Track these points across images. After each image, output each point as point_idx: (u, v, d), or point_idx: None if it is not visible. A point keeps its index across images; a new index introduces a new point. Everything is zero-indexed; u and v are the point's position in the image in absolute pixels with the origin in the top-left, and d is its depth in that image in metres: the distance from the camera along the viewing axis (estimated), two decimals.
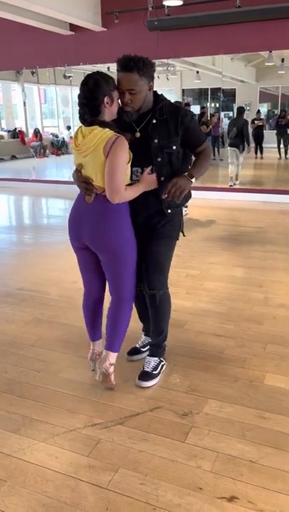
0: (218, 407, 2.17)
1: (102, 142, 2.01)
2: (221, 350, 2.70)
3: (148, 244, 2.28)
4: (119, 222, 2.16)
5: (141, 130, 2.18)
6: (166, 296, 2.39)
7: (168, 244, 2.34)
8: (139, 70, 2.05)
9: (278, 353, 2.66)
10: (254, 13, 6.58)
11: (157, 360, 2.45)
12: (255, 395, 2.25)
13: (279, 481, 1.71)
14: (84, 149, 2.06)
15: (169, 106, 2.21)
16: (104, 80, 2.03)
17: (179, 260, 4.42)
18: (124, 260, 2.22)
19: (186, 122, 2.17)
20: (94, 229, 2.16)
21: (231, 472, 1.76)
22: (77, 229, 2.24)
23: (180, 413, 2.12)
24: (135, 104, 2.11)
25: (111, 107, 2.06)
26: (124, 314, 2.32)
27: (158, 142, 2.16)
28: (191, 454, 1.87)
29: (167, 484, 1.71)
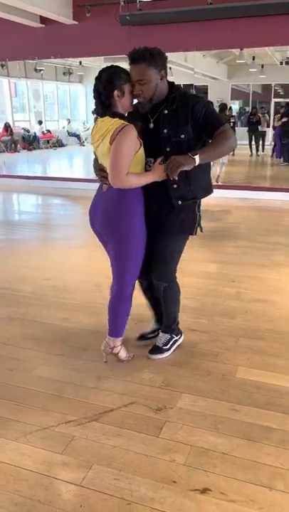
0: (192, 401, 2.19)
1: (110, 131, 2.08)
2: (194, 345, 2.73)
3: (157, 237, 2.32)
4: (129, 211, 2.22)
5: (154, 121, 2.23)
6: (171, 288, 2.48)
7: (177, 239, 2.37)
8: (145, 60, 2.10)
9: (250, 346, 2.71)
10: (225, 10, 6.63)
11: (168, 337, 2.59)
12: (228, 388, 2.29)
13: (250, 472, 1.75)
14: (96, 139, 2.18)
15: (181, 95, 2.21)
16: (115, 73, 2.12)
17: None
18: (129, 249, 2.27)
19: (196, 110, 2.16)
20: (104, 215, 2.26)
21: (204, 465, 1.79)
22: (93, 217, 2.34)
23: (154, 408, 2.14)
24: (146, 94, 2.15)
25: (122, 100, 2.14)
26: (123, 302, 2.40)
27: (167, 132, 2.19)
28: (165, 448, 1.88)
29: (141, 479, 1.73)
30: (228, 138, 2.18)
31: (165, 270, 2.42)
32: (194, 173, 2.20)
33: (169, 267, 2.43)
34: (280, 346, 2.70)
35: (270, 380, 2.36)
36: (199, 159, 2.09)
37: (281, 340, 2.76)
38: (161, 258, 2.37)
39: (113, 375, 2.41)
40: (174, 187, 2.21)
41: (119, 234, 2.25)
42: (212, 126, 2.19)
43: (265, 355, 2.61)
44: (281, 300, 3.36)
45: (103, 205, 2.27)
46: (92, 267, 4.15)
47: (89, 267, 4.18)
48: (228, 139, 2.17)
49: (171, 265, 2.43)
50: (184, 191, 2.24)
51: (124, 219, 2.23)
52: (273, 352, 2.64)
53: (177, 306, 2.60)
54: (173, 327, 2.63)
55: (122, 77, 2.12)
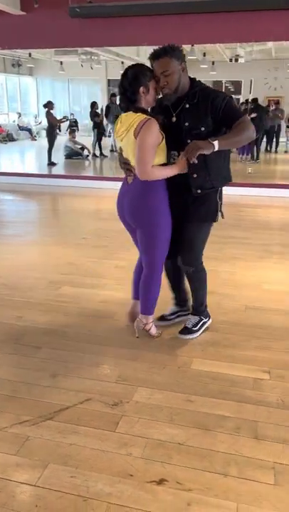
0: (148, 394, 2.21)
1: (134, 124, 2.23)
2: (150, 339, 2.74)
3: (183, 225, 2.50)
4: (155, 200, 2.39)
5: (177, 115, 2.38)
6: (199, 272, 2.66)
7: (200, 225, 2.52)
8: (167, 53, 2.26)
9: (204, 338, 2.76)
10: (176, 6, 6.67)
11: (197, 319, 2.77)
12: (183, 380, 2.32)
13: (205, 460, 1.79)
14: (120, 133, 2.32)
15: (202, 90, 2.36)
16: (141, 71, 2.28)
17: (107, 251, 4.42)
18: (157, 235, 2.44)
19: (216, 103, 2.30)
20: (132, 206, 2.43)
21: (161, 456, 1.81)
22: (121, 207, 2.52)
23: (110, 403, 2.13)
24: (171, 85, 2.29)
25: (147, 96, 2.29)
26: (154, 284, 2.59)
27: (188, 125, 2.34)
28: (122, 442, 1.88)
29: (98, 474, 1.72)
30: (247, 128, 2.31)
31: (192, 256, 2.59)
32: (214, 163, 2.37)
33: (195, 252, 2.60)
34: (234, 337, 2.77)
35: (224, 370, 2.42)
36: (218, 145, 2.22)
37: (235, 332, 2.83)
38: (188, 245, 2.55)
39: (68, 372, 2.38)
40: (194, 176, 2.37)
41: (148, 222, 2.42)
42: (231, 119, 2.32)
43: (220, 346, 2.67)
44: (236, 292, 3.44)
45: (130, 196, 2.44)
46: (47, 264, 4.08)
47: (43, 264, 4.11)
48: (247, 129, 2.31)
49: (197, 251, 2.60)
50: (203, 181, 2.39)
51: (150, 207, 2.40)
52: (228, 343, 2.70)
53: (205, 289, 2.76)
54: (201, 309, 2.79)
55: (147, 74, 2.28)
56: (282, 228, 5.68)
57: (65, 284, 3.58)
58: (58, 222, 6.23)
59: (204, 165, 2.33)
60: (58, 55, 12.91)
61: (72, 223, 5.72)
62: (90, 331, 2.83)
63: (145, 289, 2.61)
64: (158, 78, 2.30)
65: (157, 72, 2.29)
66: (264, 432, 1.94)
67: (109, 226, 5.47)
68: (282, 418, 2.03)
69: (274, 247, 4.63)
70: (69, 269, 3.94)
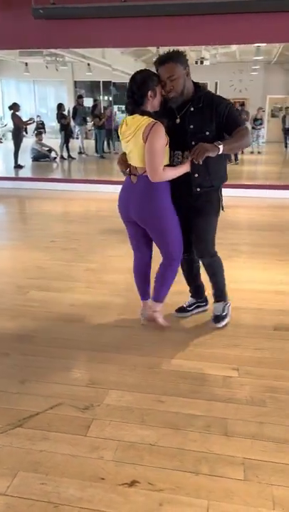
0: (119, 396, 2.20)
1: (141, 128, 2.34)
2: (120, 341, 2.74)
3: (192, 221, 2.67)
4: (160, 198, 2.51)
5: (181, 117, 2.50)
6: (214, 262, 2.84)
7: (207, 219, 2.70)
8: (172, 59, 2.40)
9: (174, 338, 2.78)
10: (141, 8, 6.70)
11: (223, 304, 2.95)
12: (153, 381, 2.33)
13: (176, 460, 1.80)
14: (126, 135, 2.42)
15: (206, 95, 2.50)
16: (148, 76, 2.40)
17: (77, 254, 4.39)
18: (166, 228, 2.59)
19: (219, 110, 2.45)
20: (139, 205, 2.54)
21: (132, 458, 1.81)
22: (126, 206, 2.61)
23: (81, 407, 2.12)
24: (177, 88, 2.42)
25: (154, 100, 2.41)
26: (171, 271, 2.73)
27: (193, 128, 2.47)
28: (93, 446, 1.87)
29: (69, 480, 1.70)
30: (247, 135, 2.50)
31: (204, 247, 2.78)
32: (214, 164, 2.52)
33: (208, 244, 2.78)
34: (204, 336, 2.80)
35: (194, 369, 2.44)
36: (223, 149, 2.37)
37: (205, 331, 2.86)
38: (200, 239, 2.75)
39: (38, 378, 2.35)
40: (196, 176, 2.52)
41: (156, 217, 2.55)
42: (232, 125, 2.47)
43: (190, 345, 2.69)
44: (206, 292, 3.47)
45: (136, 195, 2.54)
46: (15, 269, 4.02)
47: (11, 268, 4.04)
48: (246, 136, 2.49)
49: (209, 243, 2.78)
50: (203, 180, 2.55)
51: (158, 205, 2.52)
52: (197, 342, 2.73)
53: (223, 276, 2.92)
54: (223, 295, 2.96)
55: (154, 79, 2.40)
56: (250, 228, 5.78)
57: (33, 289, 3.53)
58: (25, 225, 6.14)
59: (205, 165, 2.47)
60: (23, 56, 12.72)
61: (40, 226, 5.65)
62: (60, 335, 2.80)
63: (162, 277, 2.75)
64: (164, 83, 2.42)
65: (163, 77, 2.41)
66: (233, 429, 1.97)
67: (79, 228, 5.44)
68: (251, 414, 2.07)
69: (242, 247, 4.72)
70: (37, 273, 3.89)
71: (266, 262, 4.16)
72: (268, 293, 3.45)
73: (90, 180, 8.57)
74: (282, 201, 7.08)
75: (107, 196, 7.46)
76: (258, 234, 5.24)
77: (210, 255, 2.82)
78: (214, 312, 2.96)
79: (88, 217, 6.10)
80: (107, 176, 9.25)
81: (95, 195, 7.64)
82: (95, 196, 7.54)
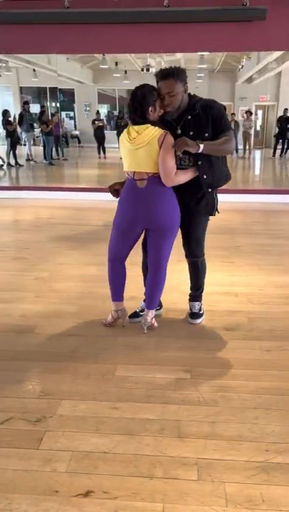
0: (72, 406, 2.18)
1: (156, 137, 2.50)
2: (73, 350, 2.71)
3: (188, 223, 2.82)
4: (171, 203, 2.66)
5: (181, 127, 2.67)
6: (204, 261, 3.03)
7: (202, 220, 2.88)
8: (174, 76, 2.54)
9: (128, 343, 2.78)
10: (84, 15, 6.71)
11: (199, 304, 3.13)
12: (107, 388, 2.32)
13: (131, 466, 1.80)
14: (139, 142, 2.53)
15: (200, 102, 2.65)
16: (149, 92, 2.53)
17: (27, 263, 4.30)
18: (169, 236, 2.73)
19: (213, 113, 2.62)
20: (150, 207, 2.64)
21: (86, 468, 1.79)
22: (135, 210, 2.69)
23: (33, 420, 2.07)
24: (175, 104, 2.58)
25: (154, 114, 2.57)
26: (161, 279, 2.85)
27: (193, 134, 2.61)
28: (46, 459, 1.84)
29: (21, 495, 1.66)
30: (230, 142, 2.63)
31: (200, 248, 2.97)
32: (217, 166, 2.71)
33: (202, 244, 2.97)
34: (157, 340, 2.82)
35: (148, 373, 2.45)
36: (203, 148, 2.51)
37: (157, 334, 2.89)
38: (196, 240, 2.92)
39: None
40: (204, 177, 2.68)
41: (167, 224, 2.68)
42: (221, 129, 2.63)
43: (143, 350, 2.71)
44: None
45: (148, 198, 2.63)
46: None
47: None
48: (230, 143, 2.63)
49: (202, 242, 2.97)
50: (212, 180, 2.72)
51: (170, 212, 2.67)
52: (150, 346, 2.75)
53: (204, 278, 3.10)
54: (201, 294, 3.13)
55: (154, 95, 2.54)
56: None
57: None
58: None
59: (211, 167, 2.68)
60: None
61: None
62: (10, 347, 2.73)
63: (156, 286, 2.85)
64: (163, 96, 2.56)
65: (163, 91, 2.56)
66: (187, 430, 2.00)
67: (29, 237, 5.33)
68: (203, 414, 2.11)
69: None
70: None
71: (215, 264, 4.25)
72: (217, 294, 3.53)
73: (40, 187, 8.43)
74: (230, 205, 7.27)
75: (58, 203, 7.38)
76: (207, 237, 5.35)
77: (202, 254, 3.00)
78: (191, 309, 3.12)
79: (39, 225, 5.99)
80: (56, 183, 9.14)
81: (45, 202, 7.53)
82: (46, 203, 7.43)
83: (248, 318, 3.12)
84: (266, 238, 5.24)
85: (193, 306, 3.13)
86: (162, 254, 2.78)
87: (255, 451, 1.88)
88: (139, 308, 3.12)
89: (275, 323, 3.04)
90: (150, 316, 2.91)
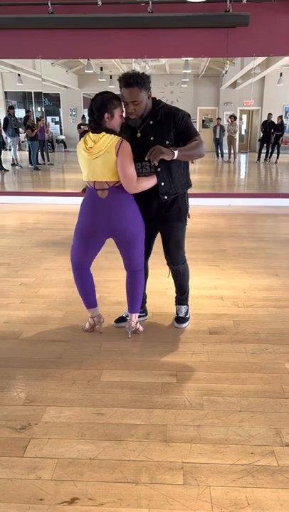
0: (57, 412, 2.16)
1: (112, 145, 2.47)
2: (58, 356, 2.70)
3: (163, 231, 2.85)
4: (130, 211, 2.63)
5: (141, 131, 2.63)
6: (185, 267, 3.03)
7: (179, 225, 2.84)
8: (138, 84, 2.46)
9: (113, 349, 2.78)
10: (68, 20, 6.71)
11: (186, 307, 3.14)
12: (93, 394, 2.31)
13: (116, 471, 1.79)
14: (95, 152, 2.49)
15: (163, 108, 2.61)
16: (108, 99, 2.48)
17: (12, 269, 4.26)
18: (136, 240, 2.71)
19: (176, 120, 2.58)
20: (111, 217, 2.62)
21: (71, 475, 1.78)
22: (95, 219, 2.66)
23: (17, 428, 2.05)
24: (138, 112, 2.55)
25: (111, 121, 2.51)
26: (138, 282, 2.85)
27: (154, 140, 2.58)
28: (31, 466, 1.82)
29: (6, 504, 1.64)
30: (200, 146, 2.61)
31: (180, 254, 2.95)
32: (176, 173, 2.69)
33: (181, 250, 2.94)
34: (142, 344, 2.82)
35: (134, 378, 2.45)
36: (177, 155, 2.52)
37: (143, 338, 2.89)
38: (176, 246, 2.90)
39: None
40: (162, 184, 2.66)
41: (130, 227, 2.65)
42: (188, 136, 2.61)
43: (128, 354, 2.70)
44: None
45: (109, 208, 2.61)
46: None
47: None
48: (200, 147, 2.61)
49: (182, 249, 2.95)
50: (169, 188, 2.68)
51: (131, 215, 2.64)
52: (136, 351, 2.75)
53: (188, 281, 3.12)
54: (187, 298, 3.15)
55: (113, 103, 2.49)
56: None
57: None
58: None
59: (169, 174, 2.66)
60: None
61: None
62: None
63: (135, 288, 2.85)
64: (126, 103, 2.52)
65: (126, 99, 2.51)
66: (172, 434, 2.00)
67: (13, 242, 5.29)
68: (189, 418, 2.11)
69: None
70: None
71: (200, 267, 4.28)
72: (203, 298, 3.55)
73: (25, 192, 8.38)
74: (217, 209, 7.34)
75: (44, 208, 7.34)
76: (191, 241, 5.37)
77: (183, 261, 2.99)
78: (178, 314, 3.11)
79: (24, 230, 5.95)
80: (42, 188, 9.10)
81: (30, 207, 7.48)
82: (31, 208, 7.39)
83: (233, 322, 3.14)
84: (251, 241, 5.28)
85: (180, 309, 3.13)
86: (135, 260, 2.78)
87: (241, 454, 1.89)
88: (126, 313, 3.12)
89: (260, 326, 3.07)
90: (134, 321, 2.91)
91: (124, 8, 6.78)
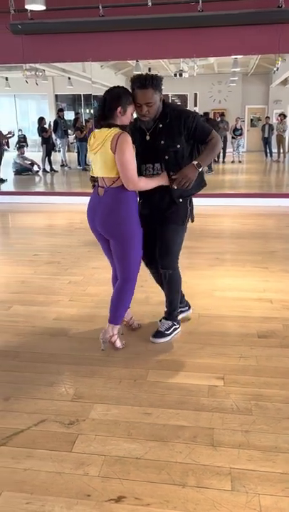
0: (104, 410, 2.18)
1: (108, 139, 2.36)
2: (105, 354, 2.72)
3: (160, 230, 2.71)
4: (127, 211, 2.51)
5: (150, 134, 2.59)
6: (174, 275, 2.83)
7: (175, 229, 2.72)
8: (153, 86, 2.44)
9: (159, 349, 2.77)
10: (118, 23, 6.79)
11: (170, 323, 2.89)
12: (139, 393, 2.31)
13: (163, 473, 1.78)
14: (94, 147, 2.44)
15: (173, 111, 2.58)
16: (124, 93, 2.43)
17: (61, 267, 4.37)
18: (130, 244, 2.56)
19: (188, 123, 2.53)
20: (105, 217, 2.52)
21: (118, 473, 1.79)
22: (93, 219, 2.60)
23: (66, 423, 2.09)
24: (152, 114, 2.51)
25: (122, 117, 2.43)
26: (127, 292, 2.67)
27: (164, 143, 2.55)
28: (79, 462, 1.85)
29: (55, 498, 1.67)
30: (217, 143, 2.59)
31: (170, 259, 2.77)
32: None
33: (173, 255, 2.77)
34: (189, 346, 2.80)
35: (180, 379, 2.43)
36: (202, 166, 2.54)
37: (190, 340, 2.87)
38: (165, 249, 2.74)
39: (22, 394, 2.32)
40: (175, 188, 2.57)
41: (121, 232, 2.53)
42: (204, 135, 2.58)
43: (175, 355, 2.69)
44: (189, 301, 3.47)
45: (102, 208, 2.53)
46: None
47: None
48: (218, 144, 2.59)
49: (174, 254, 2.78)
50: (183, 191, 2.60)
51: (123, 218, 2.51)
52: (182, 352, 2.73)
53: (179, 293, 2.94)
54: (175, 314, 2.94)
55: (128, 98, 2.43)
56: (231, 236, 5.84)
57: (16, 303, 3.49)
58: (8, 239, 6.10)
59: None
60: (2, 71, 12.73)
61: (23, 240, 5.61)
62: (44, 350, 2.77)
63: (118, 298, 2.69)
64: (139, 105, 2.47)
65: (140, 101, 2.46)
66: (220, 439, 1.97)
67: (62, 242, 5.42)
68: (237, 423, 2.07)
69: (224, 255, 4.75)
70: (20, 287, 3.86)
71: (248, 270, 4.19)
72: (251, 300, 3.47)
73: (73, 192, 8.56)
74: (265, 209, 7.17)
75: None
76: (240, 242, 5.29)
77: (174, 267, 2.81)
78: (159, 327, 2.90)
79: (72, 229, 6.09)
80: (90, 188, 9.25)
81: (78, 207, 7.61)
82: (79, 208, 7.52)
83: (283, 325, 3.05)
84: None
85: (162, 323, 2.91)
86: (125, 264, 2.61)
87: None
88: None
89: None
90: (110, 333, 2.70)
91: (173, 8, 6.77)
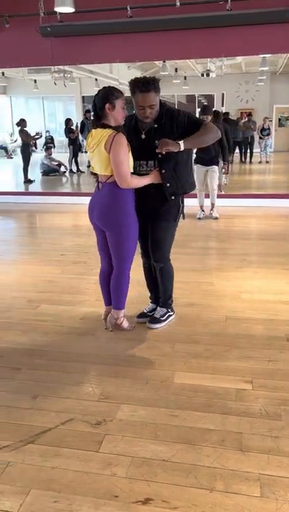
0: (131, 411, 2.18)
1: (103, 139, 2.53)
2: (132, 354, 2.72)
3: (152, 226, 2.85)
4: (123, 206, 2.67)
5: (146, 133, 2.72)
6: (167, 268, 2.99)
7: (167, 225, 2.86)
8: (154, 89, 2.59)
9: (186, 350, 2.75)
10: (147, 23, 6.79)
11: (165, 310, 3.10)
12: (166, 395, 2.30)
13: (191, 476, 1.76)
14: (91, 146, 2.61)
15: (167, 111, 2.71)
16: (109, 90, 2.57)
17: (87, 267, 4.40)
18: (125, 236, 2.73)
19: (179, 121, 2.68)
20: (101, 209, 2.71)
21: (145, 474, 1.78)
22: (91, 212, 2.80)
23: (93, 422, 2.09)
24: (154, 115, 2.66)
25: (113, 113, 2.56)
26: (123, 281, 2.88)
27: (158, 143, 2.63)
28: (106, 462, 1.85)
29: (82, 497, 1.67)
30: (209, 129, 2.71)
31: (161, 253, 2.92)
32: (182, 173, 2.77)
33: (164, 250, 2.92)
34: (216, 348, 2.76)
35: (207, 382, 2.41)
36: (183, 145, 2.61)
37: (217, 343, 2.83)
38: (157, 244, 2.89)
39: (49, 393, 2.34)
40: (167, 186, 2.72)
41: (117, 223, 2.70)
42: (196, 127, 2.69)
43: (202, 358, 2.66)
44: (216, 303, 3.45)
45: (99, 201, 2.73)
46: (25, 283, 4.03)
47: (21, 282, 4.05)
48: (209, 130, 2.71)
49: (166, 248, 2.93)
50: (175, 188, 2.76)
51: (119, 211, 2.68)
52: (209, 354, 2.69)
53: (172, 283, 3.08)
54: (169, 302, 3.12)
55: (114, 94, 2.56)
56: (258, 238, 5.75)
57: (43, 302, 3.53)
58: (35, 239, 6.18)
59: (174, 175, 2.73)
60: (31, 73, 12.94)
61: (50, 240, 5.68)
62: (71, 350, 2.79)
63: (117, 287, 2.89)
64: (142, 107, 2.60)
65: (143, 103, 2.59)
66: (249, 443, 1.93)
67: (88, 242, 5.43)
68: (266, 428, 2.03)
69: (252, 257, 4.68)
70: (48, 286, 3.90)
71: (276, 272, 4.12)
72: (279, 303, 3.41)
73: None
74: None
75: None
76: (267, 244, 5.21)
77: (165, 261, 2.96)
78: (154, 314, 3.09)
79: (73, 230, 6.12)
80: None
81: None
82: None
83: None
84: None
85: (157, 311, 3.10)
86: (120, 254, 2.79)
87: None
88: (147, 308, 3.21)
89: None
90: (115, 317, 2.94)
91: (202, 7, 6.72)
